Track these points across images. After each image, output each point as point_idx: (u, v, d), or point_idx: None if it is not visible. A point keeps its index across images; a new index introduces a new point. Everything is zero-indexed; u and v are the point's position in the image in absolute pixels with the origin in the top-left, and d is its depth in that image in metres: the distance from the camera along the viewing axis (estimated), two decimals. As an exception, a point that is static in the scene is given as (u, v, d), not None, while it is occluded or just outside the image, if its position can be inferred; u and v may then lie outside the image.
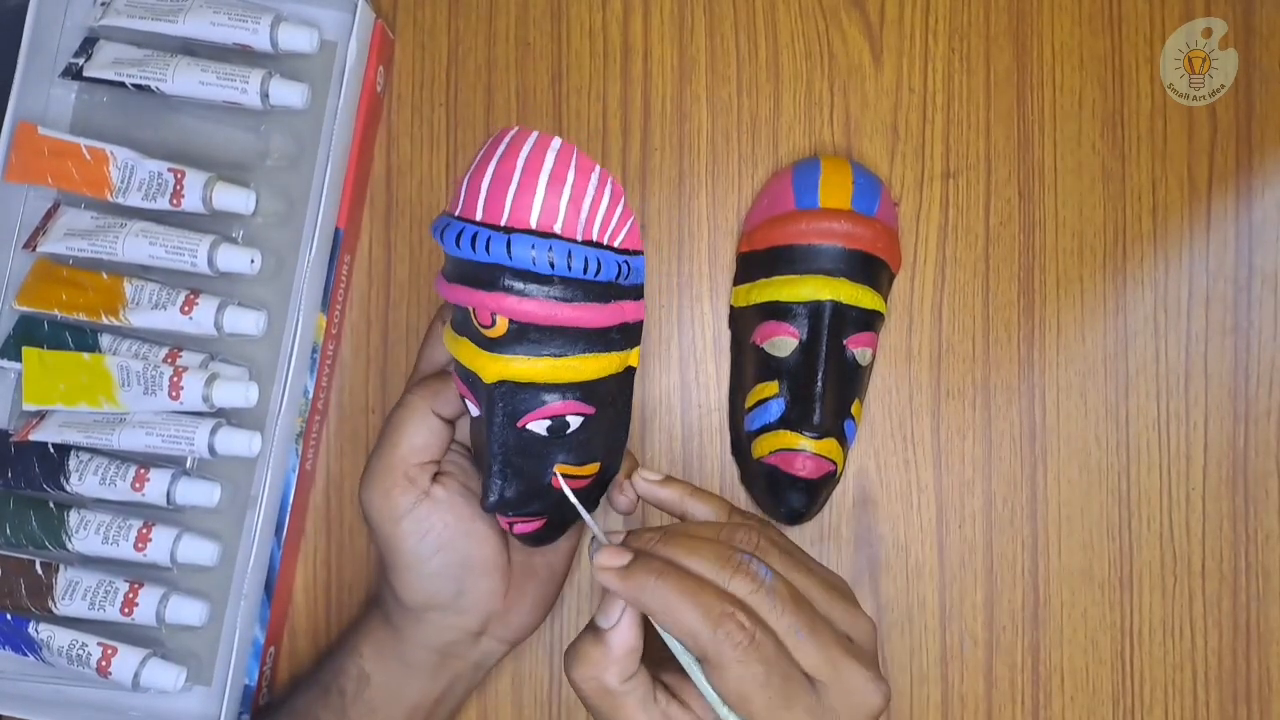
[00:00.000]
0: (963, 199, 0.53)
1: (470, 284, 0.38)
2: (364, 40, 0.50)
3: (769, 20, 0.54)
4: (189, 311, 0.48)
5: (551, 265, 0.37)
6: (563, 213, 0.37)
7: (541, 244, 0.37)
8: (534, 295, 0.38)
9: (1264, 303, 0.53)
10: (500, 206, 0.37)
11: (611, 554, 0.38)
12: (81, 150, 0.48)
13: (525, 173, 0.37)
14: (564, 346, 0.39)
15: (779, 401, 0.48)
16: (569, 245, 0.37)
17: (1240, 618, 0.52)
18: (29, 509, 0.49)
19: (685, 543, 0.38)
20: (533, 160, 0.37)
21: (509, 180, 0.37)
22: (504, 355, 0.39)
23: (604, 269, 0.38)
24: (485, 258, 0.37)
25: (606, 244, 0.39)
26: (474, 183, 0.38)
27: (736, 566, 0.37)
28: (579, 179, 0.38)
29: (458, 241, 0.38)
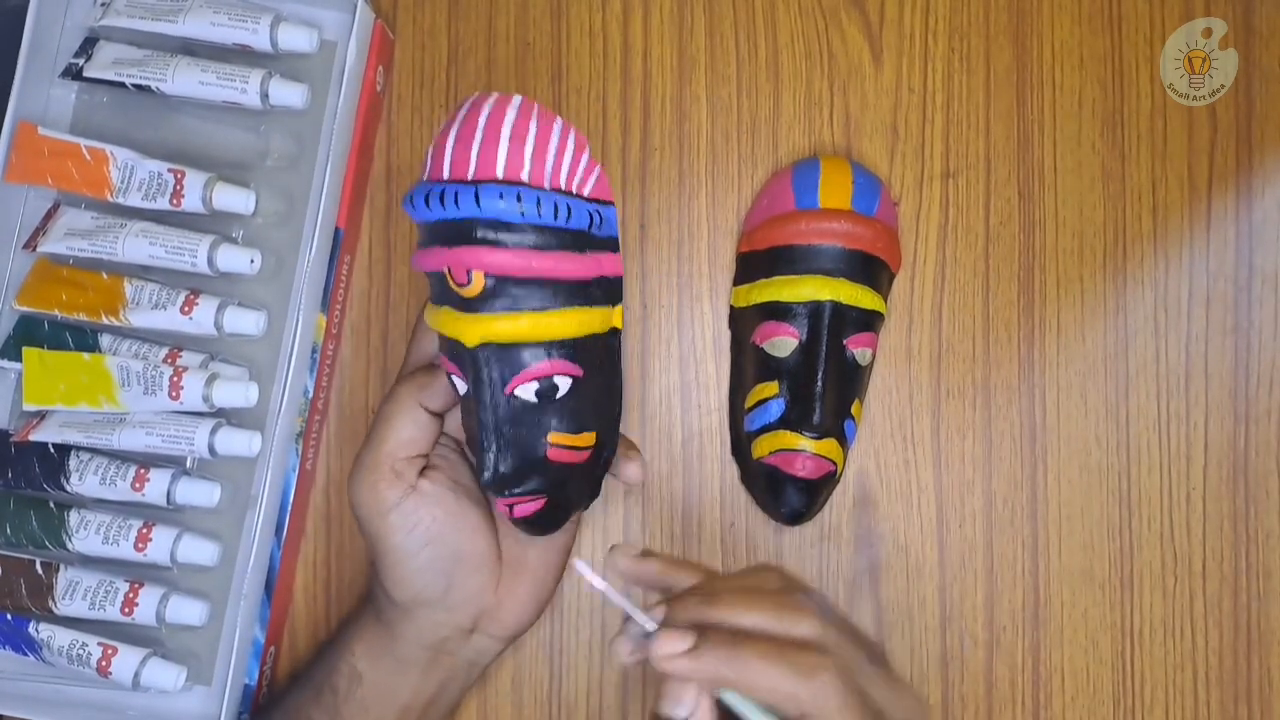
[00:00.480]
0: (963, 199, 0.53)
1: (443, 243, 0.38)
2: (364, 40, 0.50)
3: (769, 20, 0.54)
4: (189, 311, 0.48)
5: (521, 214, 0.37)
6: (528, 162, 0.37)
7: (509, 191, 0.37)
8: (507, 245, 0.38)
9: (1264, 302, 0.53)
10: (466, 163, 0.37)
11: (672, 639, 0.36)
12: (81, 150, 0.48)
13: (488, 128, 0.37)
14: (544, 300, 0.38)
15: (779, 401, 0.48)
16: (537, 192, 0.37)
17: (1241, 618, 0.52)
18: (29, 509, 0.49)
19: (736, 599, 0.37)
20: (494, 116, 0.38)
21: (472, 137, 0.37)
22: (484, 314, 0.38)
23: (574, 215, 0.38)
24: (455, 213, 0.37)
25: (575, 192, 0.39)
26: (439, 145, 0.38)
27: (798, 607, 0.36)
28: (541, 129, 0.38)
29: (427, 202, 0.38)
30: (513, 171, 0.37)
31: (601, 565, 0.39)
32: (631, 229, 0.53)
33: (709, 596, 0.37)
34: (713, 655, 0.35)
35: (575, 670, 0.52)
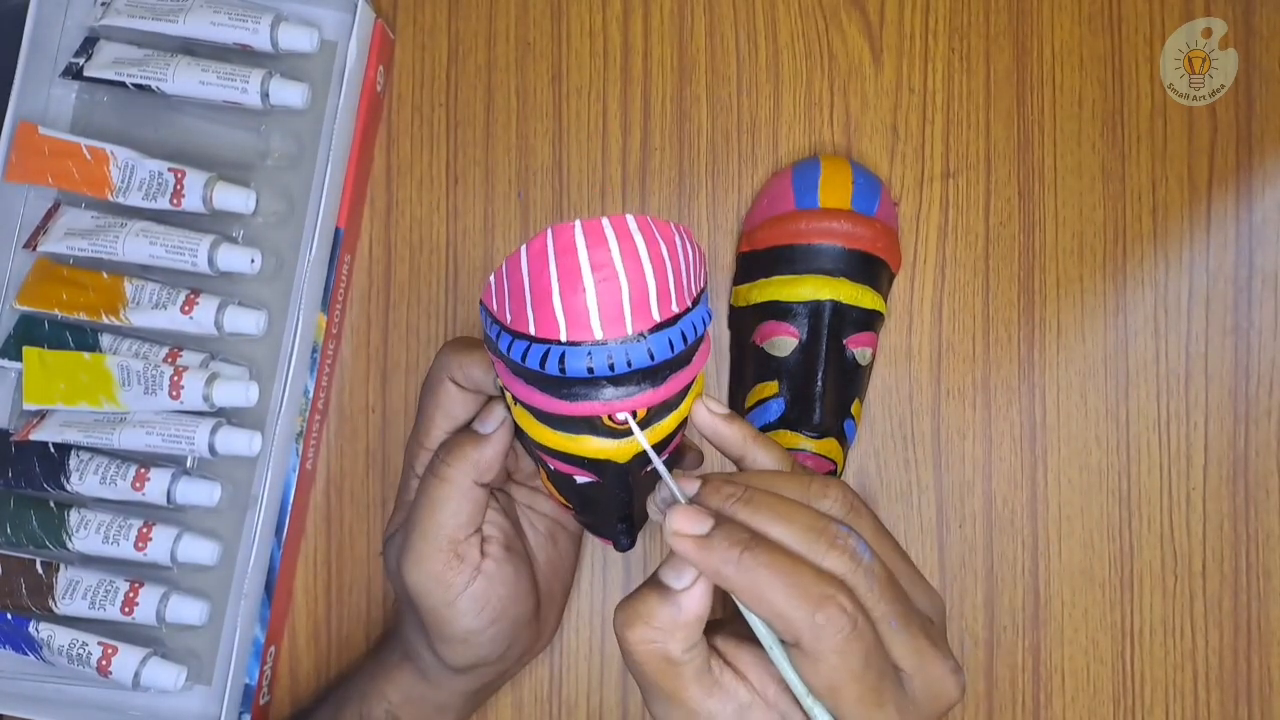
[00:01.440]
0: (963, 199, 0.53)
1: (596, 398, 0.35)
2: (364, 40, 0.50)
3: (769, 20, 0.54)
4: (189, 311, 0.48)
5: (673, 351, 0.35)
6: (674, 292, 0.34)
7: (676, 332, 0.34)
8: (673, 374, 0.35)
9: (1264, 302, 0.53)
10: (619, 315, 0.33)
11: (688, 518, 0.33)
12: (82, 150, 0.48)
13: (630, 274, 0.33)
14: (680, 396, 0.36)
15: (779, 401, 0.48)
16: (683, 323, 0.35)
17: (1241, 618, 0.52)
18: (29, 508, 0.49)
19: (772, 506, 0.34)
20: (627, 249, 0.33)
21: (616, 287, 0.33)
22: (645, 431, 0.36)
23: (701, 329, 0.36)
24: (624, 369, 0.34)
25: (694, 296, 0.36)
26: (539, 302, 0.34)
27: (833, 540, 0.33)
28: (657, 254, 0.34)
29: (559, 365, 0.34)
30: (672, 305, 0.34)
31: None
32: (632, 229, 0.53)
33: (750, 492, 0.34)
34: (721, 550, 0.32)
35: (575, 670, 0.52)
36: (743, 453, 0.38)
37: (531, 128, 0.54)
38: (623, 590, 0.52)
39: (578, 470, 0.38)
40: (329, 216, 0.50)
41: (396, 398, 0.53)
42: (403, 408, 0.53)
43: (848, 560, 0.33)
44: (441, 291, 0.53)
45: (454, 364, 0.41)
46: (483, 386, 0.40)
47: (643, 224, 0.34)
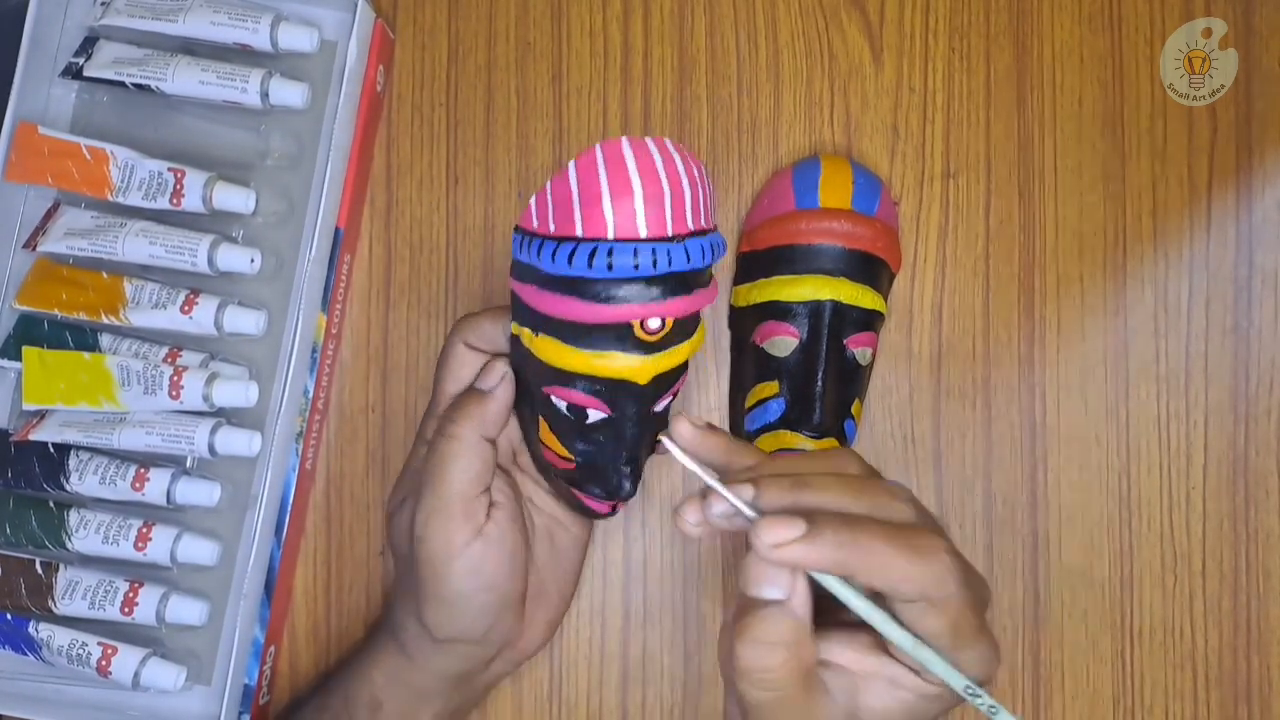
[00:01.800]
0: (963, 198, 0.53)
1: (634, 300, 0.37)
2: (364, 40, 0.50)
3: (769, 20, 0.54)
4: (189, 311, 0.48)
5: (706, 260, 0.38)
6: (702, 209, 0.38)
7: (707, 243, 0.37)
8: (698, 288, 0.38)
9: (1264, 302, 0.53)
10: (662, 217, 0.37)
11: (781, 526, 0.32)
12: (81, 150, 0.48)
13: (670, 175, 0.37)
14: (691, 326, 0.39)
15: (779, 401, 0.48)
16: (711, 236, 0.38)
17: (1241, 617, 0.52)
18: (29, 509, 0.49)
19: (828, 484, 0.34)
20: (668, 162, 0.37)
21: (660, 192, 0.36)
22: (663, 352, 0.39)
23: (719, 253, 0.39)
24: (665, 269, 0.37)
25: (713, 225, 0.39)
26: (588, 204, 0.37)
27: (892, 493, 0.35)
28: (693, 174, 0.38)
29: (607, 261, 0.37)
30: (701, 220, 0.38)
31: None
32: (632, 229, 0.53)
33: (799, 480, 0.34)
34: (831, 541, 0.32)
35: (575, 670, 0.52)
36: (727, 460, 0.39)
37: (531, 127, 0.54)
38: (623, 590, 0.52)
39: (593, 401, 0.39)
40: (329, 216, 0.50)
41: (396, 398, 0.53)
42: (402, 408, 0.53)
43: (909, 506, 0.34)
44: (441, 291, 0.53)
45: (465, 326, 0.43)
46: (495, 341, 0.42)
47: (679, 147, 0.37)
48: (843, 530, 0.32)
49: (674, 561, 0.52)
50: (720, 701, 0.52)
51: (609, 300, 0.37)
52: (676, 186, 0.37)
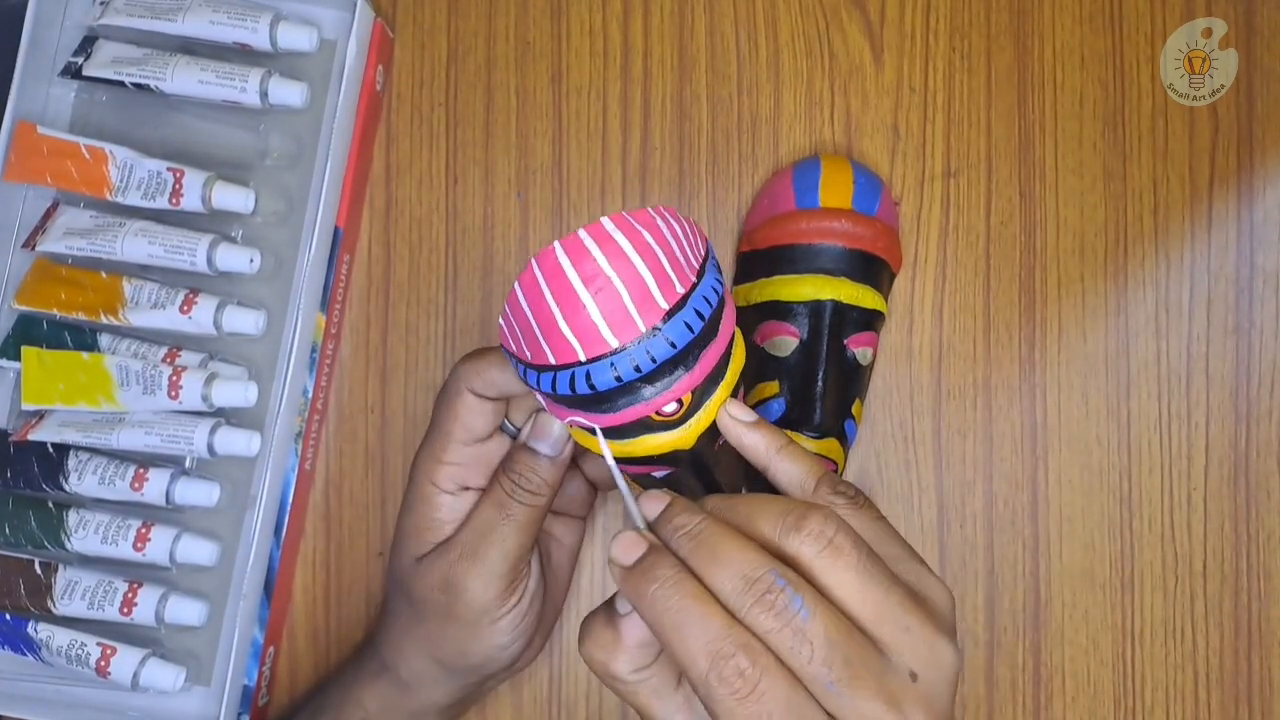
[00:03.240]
0: (963, 198, 0.53)
1: (637, 401, 0.35)
2: (363, 39, 0.50)
3: (769, 19, 0.53)
4: (188, 311, 0.48)
5: (691, 331, 0.34)
6: (671, 275, 0.34)
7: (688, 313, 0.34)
8: (705, 349, 0.35)
9: (1266, 302, 0.53)
10: (627, 318, 0.34)
11: (624, 545, 0.33)
12: (81, 149, 0.48)
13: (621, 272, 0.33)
14: (720, 371, 0.37)
15: (779, 401, 0.48)
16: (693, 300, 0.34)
17: (1242, 618, 0.52)
18: (28, 509, 0.48)
19: (715, 545, 0.32)
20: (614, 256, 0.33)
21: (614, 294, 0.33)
22: (697, 414, 0.36)
23: (715, 299, 0.36)
24: (650, 366, 0.34)
25: (701, 267, 0.35)
26: (548, 331, 0.34)
27: (761, 594, 0.31)
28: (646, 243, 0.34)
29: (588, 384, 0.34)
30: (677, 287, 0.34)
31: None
32: (632, 228, 0.53)
33: (703, 525, 0.33)
34: (639, 582, 0.32)
35: (575, 670, 0.52)
36: (767, 463, 0.37)
37: (531, 127, 0.53)
38: (623, 591, 0.52)
39: (652, 467, 0.38)
40: (328, 216, 0.49)
41: (396, 398, 0.53)
42: (402, 408, 0.53)
43: (773, 619, 0.31)
44: (441, 291, 0.53)
45: (471, 373, 0.41)
46: (505, 388, 0.40)
47: (620, 221, 0.34)
48: (653, 582, 0.31)
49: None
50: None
51: (613, 410, 0.35)
52: (631, 275, 0.33)
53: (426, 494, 0.42)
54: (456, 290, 0.53)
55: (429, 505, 0.42)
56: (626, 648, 0.34)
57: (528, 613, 0.42)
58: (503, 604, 0.41)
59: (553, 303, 0.33)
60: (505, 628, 0.42)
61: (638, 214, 0.34)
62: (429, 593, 0.42)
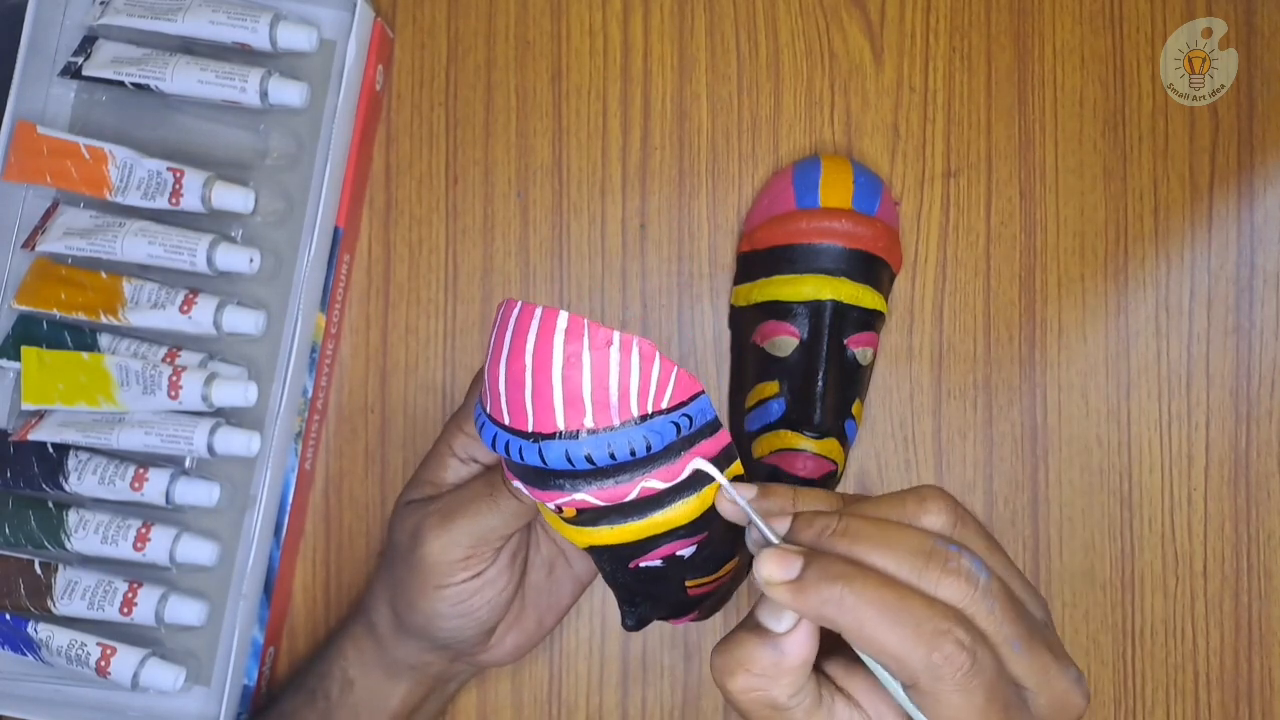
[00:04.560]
0: (964, 198, 0.53)
1: (528, 482, 0.35)
2: (363, 39, 0.50)
3: (769, 19, 0.53)
4: (188, 311, 0.48)
5: (591, 462, 0.33)
6: (589, 404, 0.32)
7: (575, 446, 0.33)
8: (589, 488, 0.34)
9: (1266, 303, 0.53)
10: (522, 411, 0.33)
11: (779, 562, 0.31)
12: (80, 149, 0.48)
13: (537, 371, 0.32)
14: (647, 510, 0.35)
15: (779, 401, 0.48)
16: (607, 436, 0.33)
17: (1242, 618, 0.52)
18: (28, 509, 0.48)
19: (873, 533, 0.31)
20: (540, 352, 0.32)
21: (522, 382, 0.33)
22: (588, 529, 0.35)
23: (656, 440, 0.33)
24: (532, 462, 0.34)
25: (653, 411, 0.33)
26: (492, 381, 0.34)
27: (944, 563, 0.30)
28: (596, 359, 0.32)
29: (493, 445, 0.35)
30: (574, 419, 0.33)
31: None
32: (631, 229, 0.53)
33: (847, 520, 0.31)
34: (819, 591, 0.30)
35: (575, 670, 0.52)
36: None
37: (531, 127, 0.53)
38: (623, 591, 0.52)
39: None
40: (328, 216, 0.49)
41: (395, 398, 0.53)
42: (401, 408, 0.53)
43: (964, 585, 0.30)
44: (440, 291, 0.53)
45: (457, 440, 0.42)
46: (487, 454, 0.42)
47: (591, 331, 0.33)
48: (835, 584, 0.30)
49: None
50: (720, 701, 0.52)
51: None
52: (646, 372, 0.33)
53: (440, 453, 0.43)
54: (456, 290, 0.53)
55: (438, 463, 0.43)
56: (790, 668, 0.31)
57: (477, 596, 0.42)
58: (452, 573, 0.41)
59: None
60: (449, 597, 0.41)
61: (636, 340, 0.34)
62: (401, 535, 0.43)
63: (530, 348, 0.33)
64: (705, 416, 0.35)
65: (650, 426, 0.33)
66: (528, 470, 0.35)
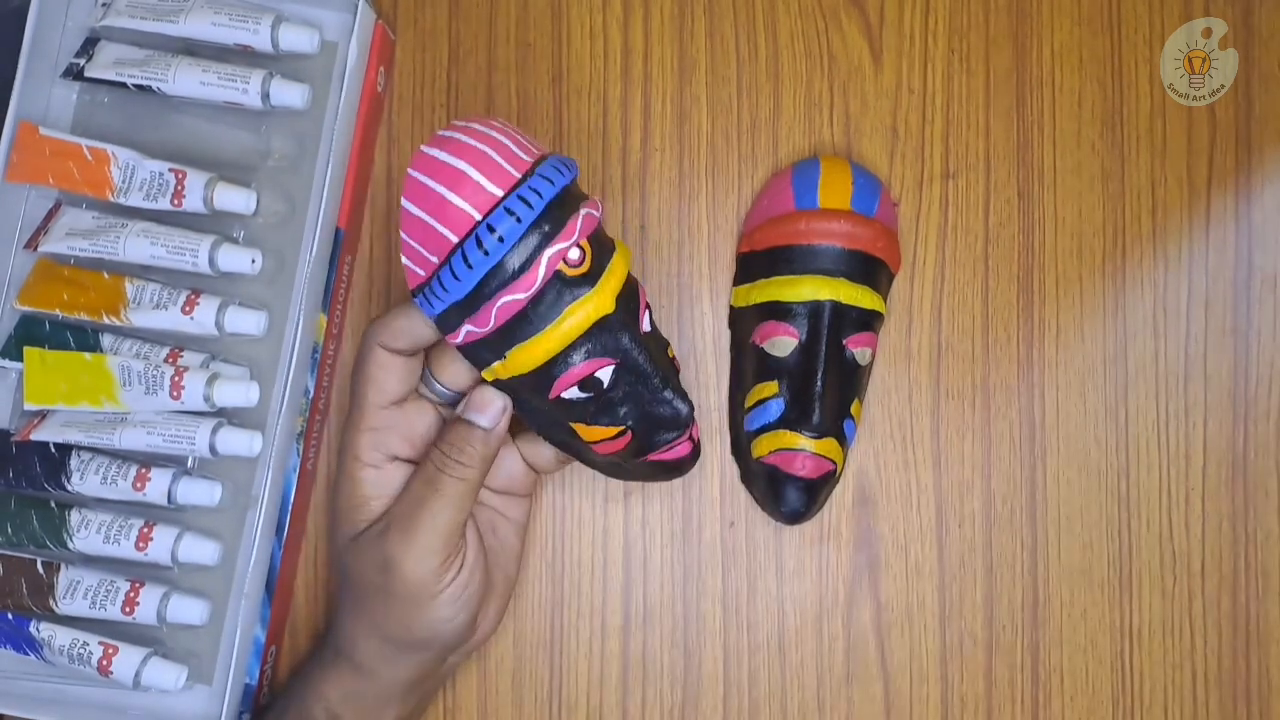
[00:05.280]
0: (962, 199, 0.53)
1: (542, 248, 0.38)
2: (365, 41, 0.50)
3: (769, 21, 0.54)
4: (190, 311, 0.48)
5: (561, 172, 0.40)
6: (517, 150, 0.39)
7: (551, 163, 0.40)
8: (583, 205, 0.40)
9: (1263, 303, 0.53)
10: (503, 172, 0.39)
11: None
12: (83, 150, 0.48)
13: (425, 211, 0.39)
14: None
15: (778, 401, 0.48)
16: (550, 160, 0.40)
17: (1240, 618, 0.52)
18: (30, 508, 0.49)
19: None
20: (417, 195, 0.39)
21: (457, 178, 0.38)
22: (605, 274, 0.40)
23: (534, 200, 0.38)
24: (540, 204, 0.38)
25: (518, 180, 0.39)
26: (439, 211, 0.39)
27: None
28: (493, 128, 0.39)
29: (430, 303, 0.40)
30: (460, 227, 0.39)
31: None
32: (632, 229, 0.53)
33: None
34: None
35: (575, 670, 0.52)
36: None
37: (532, 129, 0.54)
38: (623, 590, 0.52)
39: (592, 364, 0.40)
40: (330, 217, 0.50)
41: (397, 398, 0.53)
42: (403, 408, 0.53)
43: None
44: (442, 292, 0.53)
45: (378, 326, 0.42)
46: (414, 335, 0.42)
47: (460, 122, 0.39)
48: None
49: (674, 561, 0.52)
50: (720, 701, 0.52)
51: (526, 268, 0.38)
52: (493, 143, 0.39)
53: (351, 470, 0.43)
54: (457, 291, 0.53)
55: (354, 482, 0.43)
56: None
57: (469, 584, 0.42)
58: (440, 579, 0.41)
59: (436, 186, 0.38)
60: (446, 600, 0.42)
61: (478, 117, 0.40)
62: (367, 573, 0.42)
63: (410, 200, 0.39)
64: (565, 177, 0.40)
65: (518, 193, 0.38)
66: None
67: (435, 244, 0.39)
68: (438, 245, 0.39)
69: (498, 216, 0.38)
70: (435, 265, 0.39)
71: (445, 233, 0.38)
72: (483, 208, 0.38)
